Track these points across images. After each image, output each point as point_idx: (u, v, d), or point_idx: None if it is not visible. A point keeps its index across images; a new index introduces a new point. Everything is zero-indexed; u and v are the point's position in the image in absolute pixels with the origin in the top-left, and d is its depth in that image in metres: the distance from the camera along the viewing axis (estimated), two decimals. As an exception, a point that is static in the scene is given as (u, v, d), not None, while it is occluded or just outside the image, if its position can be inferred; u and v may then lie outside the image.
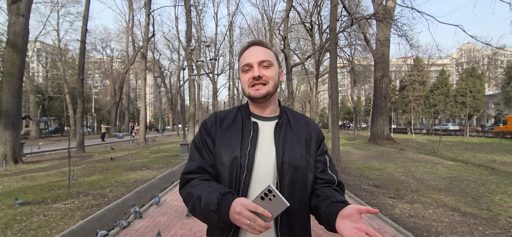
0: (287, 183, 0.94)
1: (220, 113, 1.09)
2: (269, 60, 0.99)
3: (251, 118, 1.03)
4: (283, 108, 1.09)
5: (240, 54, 1.05)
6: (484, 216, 3.97)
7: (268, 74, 0.98)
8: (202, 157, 1.01)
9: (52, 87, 35.75)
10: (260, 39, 1.05)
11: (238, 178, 0.94)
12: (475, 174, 7.25)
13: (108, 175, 7.04)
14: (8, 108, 8.65)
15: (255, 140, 0.98)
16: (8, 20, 9.04)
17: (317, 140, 1.05)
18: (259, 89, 0.97)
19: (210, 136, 1.03)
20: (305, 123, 1.06)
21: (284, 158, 0.95)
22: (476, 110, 26.17)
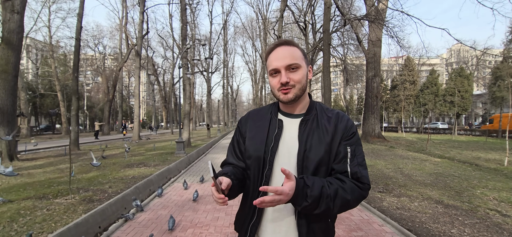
0: None
1: (253, 111, 1.18)
2: (296, 63, 0.99)
3: (279, 115, 1.09)
4: (314, 104, 1.09)
5: (266, 55, 1.06)
6: (465, 208, 4.27)
7: (295, 78, 0.99)
8: (233, 153, 1.15)
9: (43, 84, 35.23)
10: (287, 39, 1.06)
11: (261, 172, 1.01)
12: (460, 170, 7.62)
13: (106, 172, 7.15)
14: (3, 106, 8.65)
15: (279, 137, 1.03)
16: (3, 17, 9.01)
17: (343, 134, 1.01)
18: (287, 93, 0.99)
19: (241, 134, 1.13)
20: (335, 117, 1.04)
21: (306, 154, 0.97)
22: (464, 109, 26.93)
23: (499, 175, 6.93)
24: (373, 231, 3.33)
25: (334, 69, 51.57)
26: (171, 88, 41.89)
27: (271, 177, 1.00)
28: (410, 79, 32.74)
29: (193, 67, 23.94)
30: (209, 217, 4.04)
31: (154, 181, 6.33)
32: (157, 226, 3.66)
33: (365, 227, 3.47)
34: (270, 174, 1.00)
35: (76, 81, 12.29)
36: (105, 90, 30.49)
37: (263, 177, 1.01)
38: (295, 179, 0.87)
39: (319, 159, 0.96)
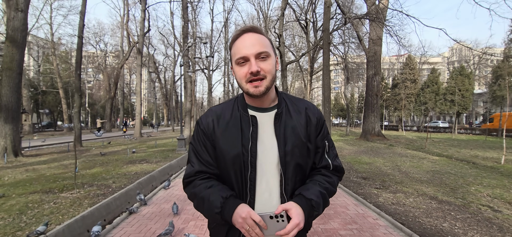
0: (291, 174, 0.95)
1: (216, 109, 1.04)
2: (266, 51, 0.92)
3: (249, 111, 0.99)
4: (281, 95, 1.05)
5: (232, 42, 0.96)
6: (458, 204, 4.40)
7: (266, 67, 0.91)
8: (200, 161, 0.99)
9: (45, 82, 35.43)
10: (253, 25, 0.97)
11: (243, 176, 0.94)
12: (457, 167, 7.74)
13: (109, 168, 7.31)
14: (8, 103, 8.80)
15: (256, 135, 0.95)
16: (7, 16, 9.14)
17: (317, 124, 1.02)
18: (258, 86, 0.91)
19: (207, 136, 0.99)
20: (305, 108, 1.03)
21: (286, 148, 0.94)
22: (464, 108, 26.98)
23: (495, 172, 7.05)
24: (367, 225, 3.47)
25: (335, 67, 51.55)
26: (172, 86, 42.04)
27: (255, 179, 0.94)
28: (411, 77, 32.79)
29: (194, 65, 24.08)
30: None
31: (156, 177, 6.48)
32: (160, 219, 3.81)
33: (360, 221, 3.61)
34: (255, 176, 0.94)
35: (79, 79, 12.44)
36: (107, 87, 30.65)
37: (247, 181, 0.93)
38: (298, 202, 0.89)
39: (298, 154, 0.95)
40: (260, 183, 0.95)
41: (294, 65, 38.33)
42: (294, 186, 0.96)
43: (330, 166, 1.02)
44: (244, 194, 0.95)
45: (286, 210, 0.85)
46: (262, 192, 0.95)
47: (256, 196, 0.95)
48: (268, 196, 0.95)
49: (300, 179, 0.98)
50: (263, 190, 0.95)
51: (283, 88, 18.51)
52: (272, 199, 0.95)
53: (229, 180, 0.96)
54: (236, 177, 0.94)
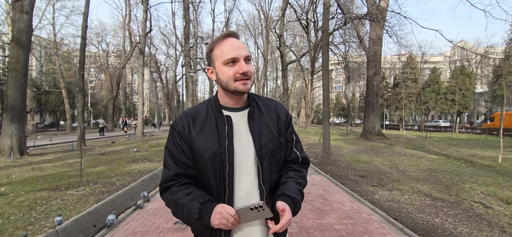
0: (267, 165, 1.02)
1: (190, 111, 1.09)
2: (250, 55, 1.02)
3: (223, 111, 1.05)
4: (251, 95, 1.12)
5: (215, 44, 1.02)
6: (451, 200, 4.54)
7: (251, 70, 1.00)
8: (176, 163, 1.02)
9: (47, 82, 35.74)
10: (234, 31, 1.06)
11: (222, 173, 0.98)
12: (454, 166, 7.87)
13: (113, 166, 7.49)
14: (14, 103, 9.00)
15: (231, 133, 1.01)
16: (12, 18, 9.34)
17: (286, 120, 1.13)
18: (246, 84, 0.99)
19: (183, 138, 1.02)
20: (274, 106, 1.13)
21: (261, 142, 1.02)
22: (465, 107, 27.02)
23: (491, 171, 7.17)
24: (361, 220, 3.62)
25: (336, 66, 51.49)
26: (174, 86, 42.28)
27: (233, 175, 0.99)
28: (412, 77, 32.82)
29: (196, 65, 24.28)
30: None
31: (159, 175, 6.64)
32: (163, 214, 3.98)
33: (354, 216, 3.76)
34: (233, 173, 0.99)
35: (82, 79, 12.64)
36: (109, 87, 30.89)
37: (225, 177, 0.98)
38: (285, 201, 0.98)
39: (272, 146, 1.04)
40: (238, 178, 1.00)
41: (295, 65, 38.46)
42: (270, 177, 1.03)
43: (299, 158, 1.13)
44: (222, 190, 0.99)
45: (281, 209, 0.94)
46: (241, 187, 1.01)
47: (235, 191, 1.00)
48: (247, 189, 1.01)
49: (275, 170, 1.06)
50: (242, 185, 1.01)
51: (284, 88, 18.63)
52: (250, 191, 1.01)
53: (207, 178, 1.00)
54: (214, 175, 0.99)
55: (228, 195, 0.99)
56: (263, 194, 1.01)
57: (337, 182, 5.81)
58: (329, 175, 6.71)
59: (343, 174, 6.92)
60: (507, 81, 21.59)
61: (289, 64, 21.33)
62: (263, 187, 1.01)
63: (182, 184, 1.01)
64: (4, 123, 9.08)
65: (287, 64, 18.17)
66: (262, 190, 1.01)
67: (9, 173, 6.50)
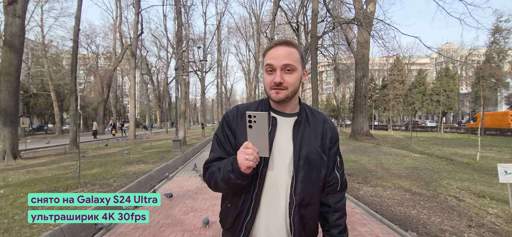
0: (302, 178, 1.01)
1: (241, 106, 1.14)
2: (292, 65, 1.00)
3: (271, 113, 1.07)
4: (303, 105, 1.13)
5: (266, 50, 1.05)
6: (428, 195, 4.94)
7: (289, 80, 1.00)
8: (222, 149, 1.08)
9: (35, 84, 35.09)
10: (287, 39, 1.06)
11: (256, 169, 0.99)
12: (435, 164, 8.35)
13: (108, 168, 7.64)
14: (7, 107, 9.02)
15: (273, 134, 1.03)
16: (5, 22, 9.35)
17: (332, 138, 1.11)
18: (278, 93, 1.00)
19: (231, 129, 1.09)
20: (323, 121, 1.12)
21: (301, 154, 1.01)
22: (449, 108, 28.03)
23: (468, 168, 7.66)
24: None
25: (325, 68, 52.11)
26: (165, 88, 42.15)
27: (266, 174, 1.02)
28: (399, 79, 33.80)
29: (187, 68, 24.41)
30: (207, 204, 4.62)
31: (154, 176, 6.85)
32: (162, 211, 4.22)
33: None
34: (266, 171, 1.01)
35: (75, 82, 12.67)
36: (100, 90, 30.64)
37: (258, 174, 1.01)
38: None
39: (312, 160, 1.03)
40: (270, 180, 1.02)
41: (286, 67, 38.86)
42: (303, 190, 1.01)
43: (338, 184, 1.14)
44: (253, 185, 1.02)
45: None
46: (272, 188, 1.02)
47: (264, 189, 1.02)
48: (276, 191, 1.02)
49: (310, 184, 1.03)
50: (273, 187, 1.02)
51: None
52: (279, 195, 1.02)
53: None
54: None
55: (257, 191, 1.02)
56: (292, 204, 1.01)
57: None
58: (318, 173, 7.05)
59: (331, 172, 7.28)
60: (487, 82, 22.56)
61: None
62: (293, 197, 1.01)
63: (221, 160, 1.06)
64: (-4, 126, 9.08)
65: (278, 66, 18.55)
66: (292, 200, 1.01)
67: (4, 176, 6.58)
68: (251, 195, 1.02)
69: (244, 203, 1.03)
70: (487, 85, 23.78)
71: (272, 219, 1.02)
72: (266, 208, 1.02)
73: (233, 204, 1.07)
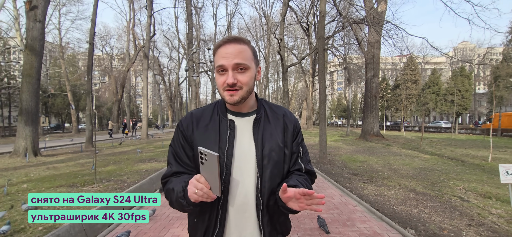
0: (268, 177, 0.97)
1: (196, 112, 1.08)
2: (244, 63, 0.95)
3: (228, 116, 1.03)
4: (261, 101, 1.09)
5: (215, 49, 0.98)
6: (433, 195, 4.98)
7: (243, 79, 0.95)
8: (178, 162, 1.02)
9: (53, 85, 36.48)
10: (237, 36, 1.00)
11: None
12: (444, 165, 8.28)
13: (122, 166, 7.99)
14: (28, 107, 9.55)
15: (233, 138, 0.99)
16: (26, 26, 9.89)
17: (294, 131, 1.06)
18: (233, 95, 0.95)
19: (186, 138, 1.02)
20: (282, 115, 1.08)
21: (264, 152, 0.98)
22: (464, 108, 27.31)
23: (478, 169, 7.57)
24: (347, 210, 4.07)
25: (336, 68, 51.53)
26: (177, 88, 42.92)
27: (230, 181, 0.97)
28: (412, 78, 33.19)
29: (198, 68, 24.87)
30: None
31: (165, 174, 7.15)
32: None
33: (341, 207, 4.22)
34: (229, 178, 0.96)
35: (90, 83, 13.20)
36: (114, 90, 31.56)
37: (222, 182, 0.94)
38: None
39: (276, 157, 0.99)
40: (236, 185, 0.97)
41: (297, 67, 38.88)
42: (270, 189, 0.98)
43: (302, 169, 1.06)
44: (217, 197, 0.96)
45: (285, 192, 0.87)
46: (238, 195, 0.98)
47: (230, 198, 0.98)
48: (243, 198, 0.98)
49: (277, 182, 1.00)
50: (239, 192, 0.98)
51: (284, 91, 19.10)
52: (247, 200, 0.98)
53: None
54: None
55: (222, 201, 0.97)
56: (260, 205, 0.98)
57: (330, 179, 6.26)
58: (324, 173, 7.16)
59: (338, 172, 7.37)
60: (505, 82, 21.89)
61: (289, 67, 21.78)
62: (260, 198, 0.97)
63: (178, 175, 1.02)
64: (19, 125, 9.64)
65: (287, 67, 18.62)
66: (259, 201, 0.98)
67: (27, 172, 7.01)
68: (216, 206, 0.97)
69: (210, 216, 0.98)
70: (504, 85, 23.07)
71: (243, 226, 0.99)
72: (235, 216, 0.98)
73: (199, 219, 1.02)
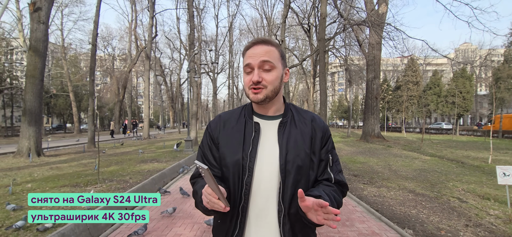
0: (291, 182, 0.95)
1: (224, 114, 1.10)
2: (271, 62, 0.96)
3: (254, 118, 1.04)
4: (288, 105, 1.08)
5: (244, 51, 1.02)
6: (432, 196, 5.03)
7: (268, 78, 0.96)
8: (204, 163, 1.05)
9: (55, 85, 36.68)
10: (265, 37, 1.03)
11: (241, 179, 0.96)
12: (444, 166, 8.32)
13: (124, 166, 8.07)
14: (32, 107, 9.66)
15: (257, 141, 0.99)
16: (30, 27, 10.01)
17: (322, 137, 1.03)
18: (257, 93, 0.96)
19: (213, 139, 1.05)
20: (311, 120, 1.05)
21: (288, 157, 0.95)
22: (465, 110, 27.30)
23: (478, 171, 7.61)
24: (346, 210, 4.14)
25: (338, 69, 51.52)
26: (178, 89, 43.05)
27: (251, 183, 0.97)
28: (413, 80, 33.20)
29: (200, 69, 24.98)
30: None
31: (167, 174, 7.22)
32: (175, 205, 4.53)
33: (341, 207, 4.27)
34: (251, 181, 0.97)
35: (93, 84, 13.31)
36: (116, 91, 31.71)
37: (243, 184, 0.96)
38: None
39: (301, 163, 0.96)
40: (257, 188, 0.97)
41: (298, 68, 38.95)
42: (292, 195, 0.94)
43: (332, 179, 1.00)
44: (238, 197, 0.97)
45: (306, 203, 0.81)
46: (258, 198, 0.98)
47: (251, 201, 0.98)
48: (264, 201, 0.97)
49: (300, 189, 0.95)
50: (260, 196, 0.97)
51: (285, 91, 19.15)
52: (268, 205, 0.97)
53: (228, 182, 0.99)
54: (233, 180, 0.97)
55: (243, 204, 0.97)
56: (281, 212, 0.95)
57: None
58: (325, 174, 7.21)
59: (338, 173, 7.42)
60: (506, 84, 21.88)
61: (290, 68, 21.83)
62: (282, 205, 0.95)
63: None
64: (22, 125, 9.75)
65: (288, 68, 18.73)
66: (281, 207, 0.95)
67: (31, 172, 7.10)
68: (237, 208, 0.97)
69: (231, 217, 0.98)
70: (505, 87, 23.06)
71: (263, 232, 0.97)
72: (256, 221, 0.98)
73: (222, 220, 1.02)
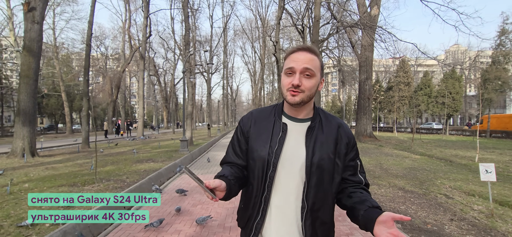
0: (314, 183, 1.01)
1: (256, 111, 1.18)
2: (312, 70, 1.01)
3: (283, 118, 1.11)
4: (318, 110, 1.13)
5: (288, 54, 1.07)
6: (420, 193, 5.26)
7: (307, 84, 1.01)
8: (233, 152, 1.17)
9: (47, 85, 36.16)
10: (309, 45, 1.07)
11: (264, 173, 1.04)
12: (433, 165, 8.61)
13: (120, 166, 8.12)
14: (26, 107, 9.61)
15: (283, 140, 1.06)
16: (24, 28, 9.95)
17: (348, 144, 1.09)
18: (294, 96, 1.01)
19: (243, 133, 1.15)
20: (337, 126, 1.10)
21: (313, 160, 1.02)
22: (455, 110, 27.98)
23: (465, 169, 7.91)
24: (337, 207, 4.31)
25: (331, 70, 52.08)
26: (172, 89, 42.89)
27: (274, 178, 1.05)
28: (404, 81, 33.81)
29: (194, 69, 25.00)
30: (213, 199, 5.05)
31: (163, 174, 7.31)
32: (174, 203, 4.65)
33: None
34: (274, 175, 1.04)
35: (87, 84, 13.27)
36: (109, 91, 31.45)
37: (267, 178, 1.04)
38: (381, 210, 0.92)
39: (325, 166, 1.03)
40: (279, 184, 1.05)
41: (292, 69, 39.20)
42: (315, 195, 1.02)
43: (362, 182, 1.10)
44: (262, 189, 1.06)
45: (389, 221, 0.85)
46: (281, 193, 1.06)
47: (273, 193, 1.07)
48: (286, 197, 1.05)
49: (322, 189, 1.03)
50: (282, 191, 1.05)
51: (280, 93, 19.35)
52: (289, 199, 1.05)
53: (253, 176, 1.09)
54: (258, 172, 1.06)
55: (265, 195, 1.06)
56: (304, 209, 1.03)
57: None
58: (318, 173, 7.40)
59: (331, 172, 7.63)
60: (493, 85, 22.52)
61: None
62: (305, 202, 1.03)
63: (231, 165, 1.15)
64: (16, 126, 9.69)
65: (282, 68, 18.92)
66: (304, 204, 1.03)
67: (26, 172, 7.10)
68: (260, 197, 1.07)
69: (254, 204, 1.08)
70: (492, 88, 23.73)
71: (282, 222, 1.05)
72: (276, 211, 1.06)
73: (245, 205, 1.13)
